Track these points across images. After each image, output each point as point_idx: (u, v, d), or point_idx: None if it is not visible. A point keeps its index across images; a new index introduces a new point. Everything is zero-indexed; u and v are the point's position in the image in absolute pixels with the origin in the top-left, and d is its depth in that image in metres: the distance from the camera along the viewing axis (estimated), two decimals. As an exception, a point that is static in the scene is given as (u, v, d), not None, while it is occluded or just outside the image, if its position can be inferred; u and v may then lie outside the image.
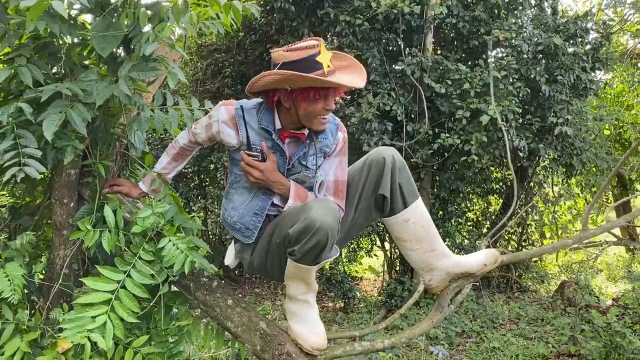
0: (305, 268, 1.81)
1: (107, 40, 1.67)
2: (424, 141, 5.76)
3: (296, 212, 1.80)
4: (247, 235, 2.00)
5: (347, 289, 6.34)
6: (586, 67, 5.79)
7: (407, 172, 1.95)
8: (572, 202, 8.18)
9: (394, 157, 1.91)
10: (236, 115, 1.92)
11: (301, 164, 1.96)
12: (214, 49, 7.32)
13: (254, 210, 1.98)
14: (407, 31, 5.82)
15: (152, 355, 1.92)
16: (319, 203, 1.75)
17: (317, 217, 1.67)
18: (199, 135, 2.02)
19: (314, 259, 1.76)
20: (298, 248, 1.72)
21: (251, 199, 1.99)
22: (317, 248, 1.71)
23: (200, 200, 7.57)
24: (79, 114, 1.69)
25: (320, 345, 1.89)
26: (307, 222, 1.68)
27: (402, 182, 1.91)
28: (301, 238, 1.71)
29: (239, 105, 1.95)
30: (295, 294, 1.94)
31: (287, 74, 1.76)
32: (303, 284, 1.91)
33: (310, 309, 1.97)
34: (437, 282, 2.02)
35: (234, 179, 2.03)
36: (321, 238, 1.68)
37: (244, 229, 2.00)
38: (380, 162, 1.91)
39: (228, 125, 1.93)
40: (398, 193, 1.91)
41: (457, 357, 4.85)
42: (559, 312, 6.00)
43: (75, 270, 2.03)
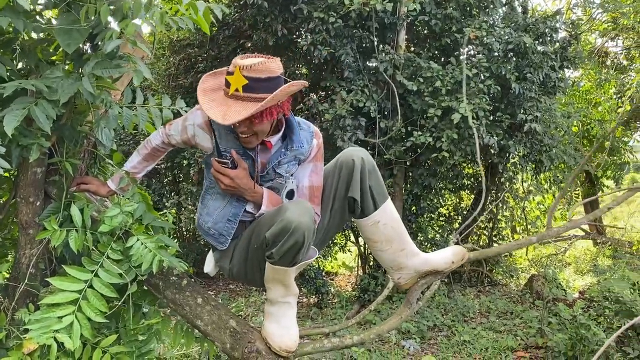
0: (283, 270, 1.82)
1: (73, 36, 1.64)
2: (397, 138, 5.81)
3: (272, 216, 1.81)
4: (221, 242, 2.01)
5: (320, 285, 6.36)
6: (555, 66, 5.90)
7: (377, 173, 1.97)
8: (541, 197, 8.35)
9: (363, 159, 1.93)
10: (212, 120, 1.90)
11: (275, 171, 1.96)
12: (186, 44, 7.24)
13: (227, 217, 1.98)
14: (380, 28, 5.85)
15: (121, 354, 1.91)
16: (294, 205, 1.76)
17: (293, 218, 1.69)
18: (172, 137, 2.00)
19: (292, 260, 1.77)
20: (276, 250, 1.73)
21: (225, 205, 1.99)
22: (295, 248, 1.72)
23: (174, 196, 7.50)
24: (43, 111, 1.66)
25: (289, 347, 1.90)
26: (283, 224, 1.69)
27: (372, 184, 1.94)
28: (278, 240, 1.72)
29: None
30: (276, 297, 1.95)
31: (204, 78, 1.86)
32: (282, 286, 1.92)
33: (289, 309, 1.97)
34: (405, 280, 2.06)
35: (209, 185, 2.03)
36: (298, 238, 1.70)
37: (218, 235, 2.01)
38: (350, 164, 1.92)
39: (203, 129, 1.92)
40: (368, 195, 1.93)
41: (429, 350, 4.93)
42: (528, 305, 6.13)
43: (41, 270, 2.00)
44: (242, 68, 1.71)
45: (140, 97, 2.04)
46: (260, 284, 2.00)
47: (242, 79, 1.72)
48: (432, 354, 4.82)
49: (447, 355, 4.75)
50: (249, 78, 1.72)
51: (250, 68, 1.71)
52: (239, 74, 1.72)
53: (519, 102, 5.91)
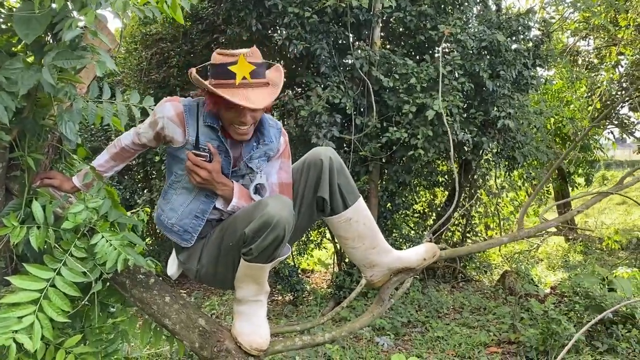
0: (258, 267, 1.79)
1: (31, 26, 1.58)
2: (372, 134, 5.81)
3: (250, 211, 1.78)
4: (186, 239, 1.96)
5: (295, 282, 6.33)
6: (527, 64, 5.97)
7: (346, 172, 1.96)
8: (515, 194, 8.46)
9: (331, 159, 1.92)
10: (184, 111, 1.87)
11: (247, 166, 1.95)
12: (159, 38, 7.11)
13: (195, 213, 1.94)
14: (355, 25, 5.83)
15: (86, 354, 1.85)
16: (273, 199, 1.74)
17: (275, 212, 1.67)
18: (143, 134, 1.95)
19: (271, 255, 1.75)
20: (255, 245, 1.70)
21: (191, 201, 1.94)
22: (275, 243, 1.71)
23: (146, 193, 7.38)
24: (2, 103, 1.60)
25: (260, 346, 1.87)
26: (264, 219, 1.67)
27: (341, 183, 1.93)
28: (259, 235, 1.69)
29: (185, 102, 1.90)
30: (247, 295, 1.91)
31: (192, 73, 1.77)
32: (255, 284, 1.89)
33: (260, 308, 1.94)
34: (378, 278, 2.05)
35: (174, 179, 1.97)
36: (279, 233, 1.69)
37: (182, 231, 1.95)
38: (318, 164, 1.91)
39: (174, 122, 1.87)
40: (337, 194, 1.92)
41: (403, 347, 4.95)
42: (501, 301, 6.21)
43: (2, 269, 1.94)
44: (246, 55, 1.75)
45: (107, 92, 1.98)
46: (229, 285, 1.96)
47: (249, 66, 1.76)
48: (406, 350, 4.84)
49: (421, 351, 4.78)
50: (254, 64, 1.76)
51: (251, 55, 1.77)
52: (244, 61, 1.75)
53: (492, 100, 5.96)
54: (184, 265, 2.02)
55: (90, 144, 6.80)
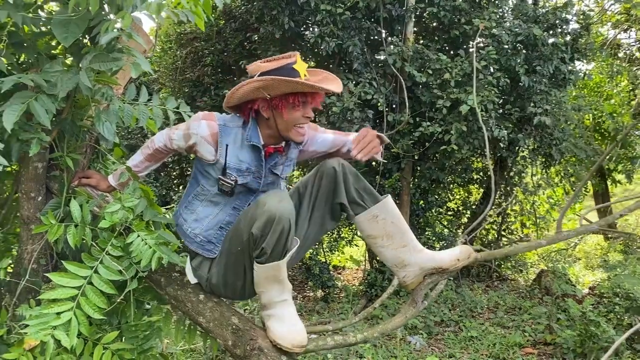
0: (275, 265, 1.80)
1: (70, 29, 1.62)
2: (404, 131, 5.75)
3: (251, 213, 1.80)
4: (209, 249, 1.99)
5: (326, 279, 6.34)
6: (565, 58, 5.81)
7: (361, 178, 1.98)
8: (551, 191, 8.26)
9: (344, 166, 1.95)
10: (220, 132, 1.90)
11: (273, 172, 1.99)
12: (193, 37, 7.21)
13: (220, 224, 1.98)
14: (388, 20, 5.79)
15: (123, 351, 1.90)
16: (269, 196, 1.79)
17: (274, 207, 1.71)
18: (175, 142, 1.98)
19: (283, 249, 1.77)
20: (266, 242, 1.72)
21: (217, 213, 1.97)
22: (283, 236, 1.73)
23: (181, 189, 7.50)
24: (43, 105, 1.65)
25: (300, 342, 1.86)
26: (267, 215, 1.71)
27: (359, 187, 1.95)
28: (266, 231, 1.72)
29: (223, 122, 1.92)
30: (272, 298, 1.91)
31: (267, 79, 1.78)
32: (277, 284, 1.88)
33: (288, 306, 1.94)
34: (411, 279, 2.02)
35: (200, 191, 1.99)
36: (284, 225, 1.71)
37: (206, 242, 1.98)
38: (331, 173, 1.94)
39: (207, 142, 1.90)
40: (357, 197, 1.94)
41: (435, 346, 4.90)
42: (537, 301, 6.08)
43: (43, 266, 1.99)
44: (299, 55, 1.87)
45: (144, 94, 2.01)
46: (239, 295, 1.99)
47: (305, 64, 1.87)
48: (438, 350, 4.79)
49: (454, 351, 4.72)
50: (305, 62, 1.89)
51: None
52: (301, 60, 1.86)
53: (529, 95, 5.83)
54: (195, 273, 2.02)
55: (127, 142, 6.95)
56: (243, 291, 1.96)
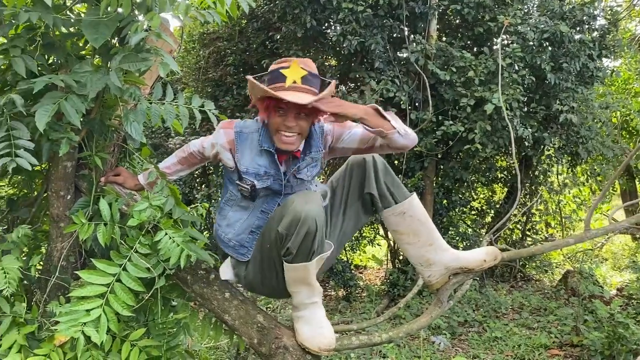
0: (302, 266, 1.79)
1: (100, 30, 1.64)
2: (428, 130, 5.71)
3: (279, 212, 1.82)
4: (242, 253, 2.02)
5: (348, 278, 6.33)
6: (592, 55, 5.69)
7: (391, 172, 1.97)
8: (577, 190, 8.11)
9: (374, 158, 1.95)
10: (235, 139, 1.94)
11: (296, 177, 1.98)
12: (216, 37, 7.26)
13: (251, 229, 2.00)
14: (411, 18, 5.74)
15: (150, 347, 1.92)
16: (298, 196, 1.79)
17: (300, 207, 1.70)
18: (206, 150, 2.04)
19: (309, 251, 1.75)
20: (291, 242, 1.72)
21: (247, 217, 2.00)
22: (309, 238, 1.72)
23: (204, 188, 7.56)
24: (73, 106, 1.67)
25: (327, 345, 1.87)
26: (292, 215, 1.71)
27: (388, 181, 1.95)
28: (291, 231, 1.72)
29: (239, 128, 1.95)
30: (302, 299, 1.92)
31: (249, 79, 1.80)
32: (306, 286, 1.89)
33: (317, 308, 1.95)
34: (436, 278, 2.01)
35: (230, 197, 2.03)
36: (310, 226, 1.69)
37: (239, 246, 2.01)
38: (361, 164, 1.95)
39: (226, 149, 1.95)
40: (385, 190, 1.94)
41: (459, 347, 4.85)
42: (562, 302, 5.98)
43: (72, 263, 2.03)
44: (299, 62, 1.80)
45: (170, 94, 2.03)
46: (276, 291, 1.99)
47: (301, 71, 1.79)
48: (462, 350, 4.75)
49: (478, 351, 4.67)
50: (306, 70, 1.80)
51: (304, 62, 1.81)
52: (297, 66, 1.79)
53: (555, 93, 5.73)
54: (234, 271, 2.06)
55: (151, 141, 7.03)
56: (279, 288, 1.96)
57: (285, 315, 4.89)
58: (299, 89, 1.78)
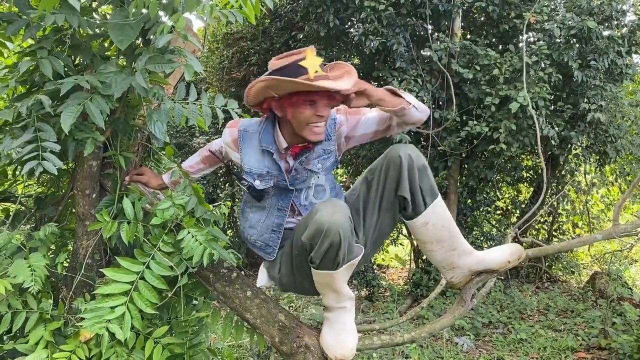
0: (327, 274, 1.76)
1: (125, 32, 1.66)
2: (451, 129, 5.65)
3: (304, 220, 1.79)
4: (268, 252, 2.02)
5: (370, 278, 6.31)
6: (621, 51, 5.55)
7: (427, 171, 1.88)
8: (606, 190, 7.93)
9: (411, 156, 1.84)
10: (239, 138, 1.94)
11: (306, 169, 1.94)
12: (239, 37, 7.31)
13: (272, 228, 2.00)
14: (434, 16, 5.69)
15: (173, 345, 1.94)
16: (324, 204, 1.71)
17: (325, 219, 1.63)
18: (224, 149, 2.05)
19: (333, 262, 1.70)
20: (314, 253, 1.68)
21: (266, 217, 2.00)
22: (332, 250, 1.66)
23: (227, 187, 7.62)
24: (98, 106, 1.69)
25: (344, 356, 1.85)
26: (316, 226, 1.64)
27: (422, 182, 1.85)
28: (314, 243, 1.67)
29: (244, 127, 1.95)
30: (330, 303, 1.91)
31: (268, 79, 1.73)
32: (332, 292, 1.86)
33: (345, 314, 1.92)
34: (459, 279, 1.98)
35: (247, 198, 2.04)
36: (333, 238, 1.63)
37: (264, 246, 2.02)
38: (397, 162, 1.84)
39: (231, 148, 1.97)
40: (419, 194, 1.85)
41: (483, 348, 4.80)
42: (590, 303, 5.86)
43: (97, 261, 2.06)
44: (311, 50, 1.74)
45: (193, 94, 2.04)
46: (311, 292, 1.96)
47: (318, 59, 1.73)
48: (486, 352, 4.69)
49: (502, 353, 4.61)
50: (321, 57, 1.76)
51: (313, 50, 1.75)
52: (313, 56, 1.73)
53: (582, 91, 5.61)
54: (269, 274, 2.07)
55: (176, 140, 7.11)
56: (312, 289, 1.93)
57: (308, 315, 4.90)
58: (324, 77, 1.73)
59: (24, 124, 1.73)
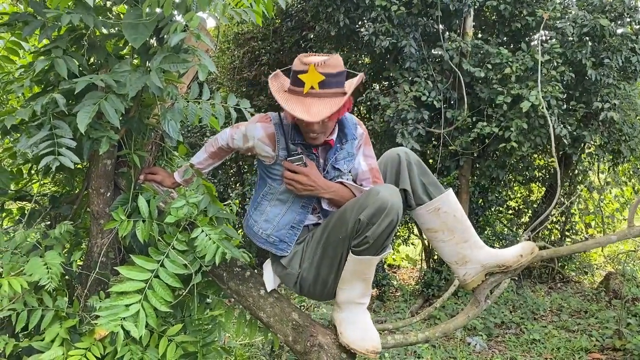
0: (368, 260, 1.79)
1: (139, 31, 1.67)
2: (463, 128, 5.62)
3: (361, 201, 1.78)
4: (282, 248, 1.98)
5: (380, 278, 6.29)
6: (635, 48, 5.48)
7: (425, 168, 1.96)
8: (619, 190, 7.85)
9: (407, 154, 1.95)
10: (275, 130, 1.92)
11: (334, 168, 1.96)
12: (250, 37, 7.32)
13: (291, 224, 1.96)
14: (445, 15, 5.66)
15: (186, 343, 1.95)
16: (384, 187, 1.76)
17: (388, 198, 1.69)
18: (235, 142, 2.03)
19: (384, 242, 1.75)
20: (372, 231, 1.71)
21: (286, 212, 1.96)
22: (389, 228, 1.71)
23: (238, 187, 7.63)
24: (112, 105, 1.70)
25: (376, 348, 1.85)
26: (379, 204, 1.69)
27: (422, 177, 1.93)
28: (374, 221, 1.70)
29: (277, 120, 1.94)
30: (352, 297, 1.90)
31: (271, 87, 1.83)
32: (362, 283, 1.87)
33: (364, 312, 1.94)
34: (472, 277, 1.97)
35: (268, 190, 2.00)
36: (393, 217, 1.70)
37: (278, 241, 1.97)
38: (395, 159, 1.94)
39: (265, 143, 1.92)
40: (419, 186, 1.93)
41: (496, 348, 4.77)
42: (604, 304, 5.81)
43: (112, 259, 2.07)
44: (317, 65, 1.74)
45: (206, 93, 2.05)
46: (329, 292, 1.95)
47: (318, 76, 1.75)
48: (499, 352, 4.66)
49: (515, 354, 4.58)
50: (325, 74, 1.75)
51: (324, 64, 1.75)
52: (315, 71, 1.74)
53: (595, 89, 5.55)
54: (284, 271, 1.99)
55: (187, 140, 7.14)
56: (333, 286, 1.92)
57: (319, 314, 4.89)
58: (318, 94, 1.76)
59: (39, 122, 1.74)
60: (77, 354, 1.77)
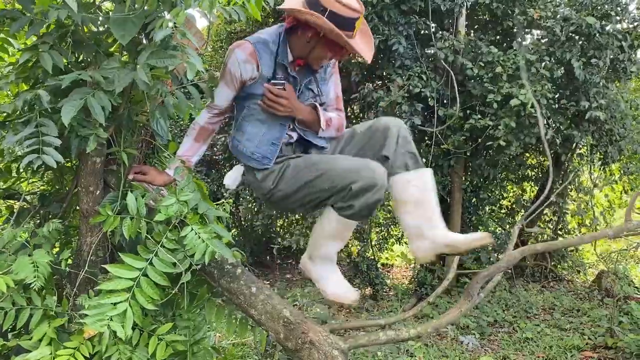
0: (351, 224, 2.01)
1: (127, 27, 1.65)
2: (455, 127, 5.63)
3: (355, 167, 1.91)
4: (264, 163, 2.11)
5: (373, 276, 6.28)
6: (623, 46, 5.46)
7: (412, 143, 2.08)
8: (610, 189, 7.88)
9: (400, 128, 2.07)
10: (256, 50, 2.00)
11: (309, 89, 2.11)
12: (243, 36, 7.30)
13: (272, 141, 2.09)
14: (437, 14, 5.66)
15: (176, 342, 1.93)
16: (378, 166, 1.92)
17: (381, 176, 1.88)
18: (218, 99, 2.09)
19: (368, 214, 1.94)
20: (360, 202, 1.87)
21: (265, 131, 2.08)
22: (375, 204, 1.89)
23: (231, 187, 7.60)
24: (99, 102, 1.69)
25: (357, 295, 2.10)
26: (372, 182, 1.85)
27: (405, 150, 2.04)
28: (364, 194, 1.86)
29: (255, 40, 2.03)
30: (330, 253, 2.11)
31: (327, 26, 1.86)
32: (341, 242, 2.11)
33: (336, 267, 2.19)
34: (422, 252, 2.04)
35: (247, 112, 2.10)
36: (381, 196, 1.88)
37: (261, 157, 2.10)
38: (386, 128, 2.06)
39: (248, 62, 2.00)
40: (401, 156, 2.03)
41: (488, 347, 4.77)
42: (596, 303, 5.83)
43: (101, 257, 2.05)
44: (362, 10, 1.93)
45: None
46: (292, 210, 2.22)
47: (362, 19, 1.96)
48: (492, 350, 4.67)
49: (508, 352, 4.59)
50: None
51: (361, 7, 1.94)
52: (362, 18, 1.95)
53: (585, 89, 5.55)
54: (257, 183, 2.13)
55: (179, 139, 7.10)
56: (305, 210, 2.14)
57: (313, 314, 4.88)
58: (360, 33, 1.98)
59: (26, 119, 1.72)
60: (65, 354, 1.75)
